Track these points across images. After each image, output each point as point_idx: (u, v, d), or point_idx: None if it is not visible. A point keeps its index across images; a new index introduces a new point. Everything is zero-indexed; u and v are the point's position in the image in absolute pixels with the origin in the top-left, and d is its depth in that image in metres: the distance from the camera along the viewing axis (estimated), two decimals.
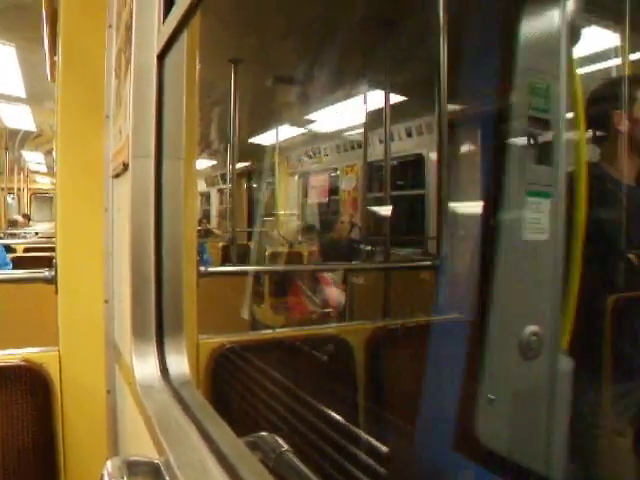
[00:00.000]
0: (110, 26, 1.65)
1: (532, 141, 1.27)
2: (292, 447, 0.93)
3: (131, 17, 1.18)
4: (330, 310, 3.25)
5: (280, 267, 4.74)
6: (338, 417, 1.32)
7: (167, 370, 1.08)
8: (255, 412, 1.54)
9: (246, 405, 1.59)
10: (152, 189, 1.09)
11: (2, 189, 13.72)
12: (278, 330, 1.91)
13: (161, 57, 1.10)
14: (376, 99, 4.70)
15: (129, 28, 1.20)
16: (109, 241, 1.66)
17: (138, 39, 1.14)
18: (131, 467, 0.85)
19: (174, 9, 1.00)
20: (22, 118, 7.62)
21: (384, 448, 1.18)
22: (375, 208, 5.31)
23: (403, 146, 5.84)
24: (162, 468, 0.84)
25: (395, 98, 4.79)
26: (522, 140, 1.27)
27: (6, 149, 11.05)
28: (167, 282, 1.10)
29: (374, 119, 5.01)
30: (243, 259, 5.55)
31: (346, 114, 5.95)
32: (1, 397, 1.50)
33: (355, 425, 1.70)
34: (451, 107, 2.61)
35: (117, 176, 1.48)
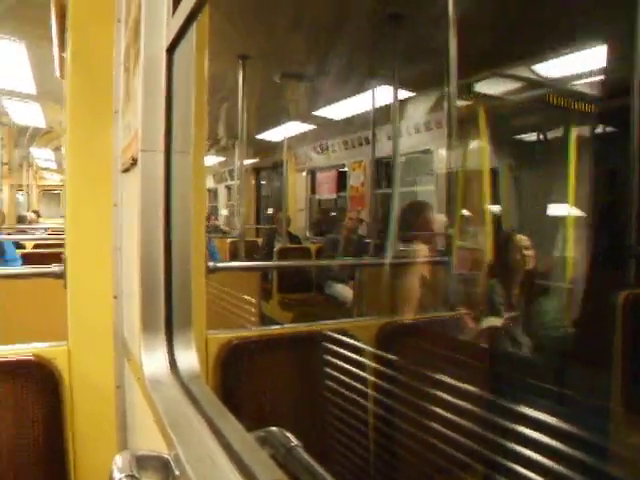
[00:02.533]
0: (119, 20, 1.65)
1: None
2: (301, 442, 0.93)
3: (140, 10, 1.17)
4: None
5: (288, 263, 4.74)
6: (346, 413, 1.32)
7: (176, 365, 1.08)
8: (264, 407, 1.54)
9: (255, 400, 1.59)
10: (161, 183, 1.09)
11: (12, 186, 13.87)
12: (286, 325, 1.90)
13: (170, 50, 1.10)
14: (385, 95, 4.69)
15: (138, 22, 1.20)
16: (118, 236, 1.66)
17: (147, 32, 1.14)
18: (140, 461, 0.85)
19: (183, 2, 1.00)
20: (32, 115, 7.65)
21: (392, 445, 1.18)
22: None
23: (410, 142, 5.82)
24: (172, 463, 0.84)
25: (403, 94, 4.77)
26: None
27: (15, 146, 11.13)
28: (176, 277, 1.09)
29: (383, 115, 5.01)
30: (251, 255, 5.55)
31: (354, 110, 5.94)
32: (12, 392, 1.50)
33: (364, 421, 1.69)
34: None
35: (126, 171, 1.48)
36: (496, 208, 4.71)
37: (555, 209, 4.19)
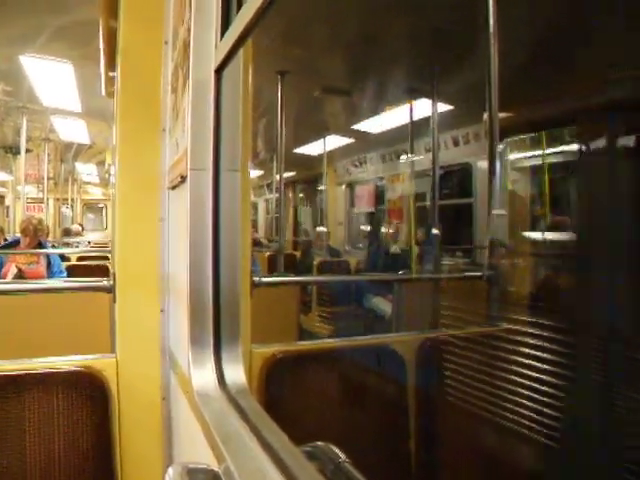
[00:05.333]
0: (166, 42, 1.70)
1: None
2: (347, 457, 0.93)
3: (189, 34, 1.21)
4: None
5: (330, 277, 4.75)
6: (391, 427, 1.31)
7: (224, 379, 1.10)
8: (307, 421, 1.54)
9: (298, 414, 1.59)
10: (210, 200, 1.11)
11: (57, 199, 14.31)
12: (328, 340, 1.91)
13: (218, 72, 1.13)
14: (423, 108, 4.69)
15: (187, 44, 1.24)
16: (164, 251, 1.70)
17: (196, 55, 1.18)
18: (191, 474, 0.87)
19: (232, 27, 1.03)
20: (77, 131, 7.91)
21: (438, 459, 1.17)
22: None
23: (449, 155, 5.79)
24: (222, 476, 0.85)
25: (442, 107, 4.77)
26: None
27: (61, 161, 11.51)
28: (224, 293, 1.12)
29: (421, 128, 5.00)
30: (290, 268, 5.58)
31: (391, 123, 5.94)
32: (62, 402, 1.55)
33: (406, 435, 1.69)
34: None
35: (174, 188, 1.51)
36: None
37: None
